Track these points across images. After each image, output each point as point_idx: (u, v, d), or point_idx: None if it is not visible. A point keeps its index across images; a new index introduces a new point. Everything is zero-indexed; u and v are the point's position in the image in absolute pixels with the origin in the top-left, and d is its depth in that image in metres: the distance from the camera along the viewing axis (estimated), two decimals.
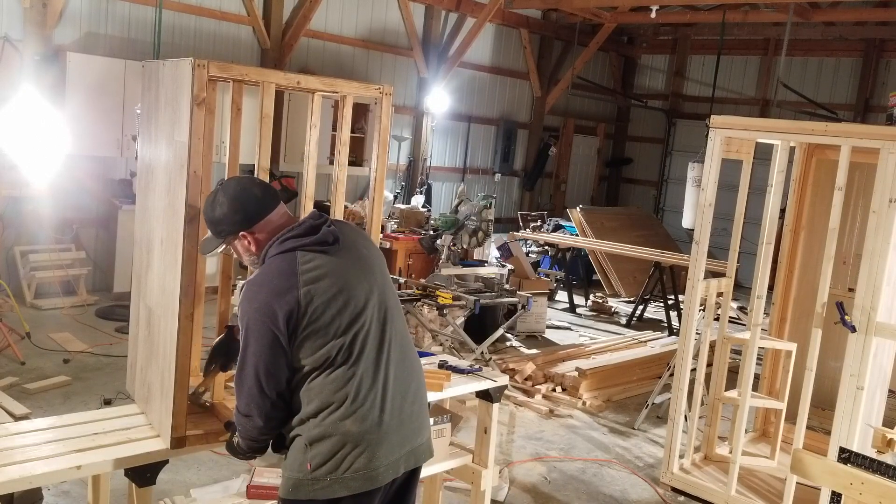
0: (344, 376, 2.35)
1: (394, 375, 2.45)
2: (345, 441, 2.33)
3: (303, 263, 2.37)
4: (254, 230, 2.47)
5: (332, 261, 2.42)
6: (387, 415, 2.40)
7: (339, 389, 2.34)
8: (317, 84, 3.09)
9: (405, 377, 2.50)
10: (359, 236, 2.61)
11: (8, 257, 7.62)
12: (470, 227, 7.70)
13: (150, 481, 2.76)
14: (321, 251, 2.41)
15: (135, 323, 3.31)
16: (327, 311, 2.34)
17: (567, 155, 14.20)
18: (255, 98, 2.94)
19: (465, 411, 5.57)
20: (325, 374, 2.35)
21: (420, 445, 2.53)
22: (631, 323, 9.51)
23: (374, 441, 2.36)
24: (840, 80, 12.89)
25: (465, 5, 11.23)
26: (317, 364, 2.35)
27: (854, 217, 5.30)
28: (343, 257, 2.46)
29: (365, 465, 2.35)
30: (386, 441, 2.39)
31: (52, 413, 4.09)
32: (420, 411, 2.55)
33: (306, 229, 2.43)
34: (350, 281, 2.42)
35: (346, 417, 2.33)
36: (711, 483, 4.67)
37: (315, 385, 2.35)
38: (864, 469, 2.76)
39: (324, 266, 2.39)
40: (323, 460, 2.33)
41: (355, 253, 2.51)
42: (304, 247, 2.40)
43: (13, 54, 7.41)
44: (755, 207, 5.05)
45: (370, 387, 2.38)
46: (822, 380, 5.06)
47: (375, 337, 2.44)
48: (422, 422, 2.55)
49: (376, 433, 2.37)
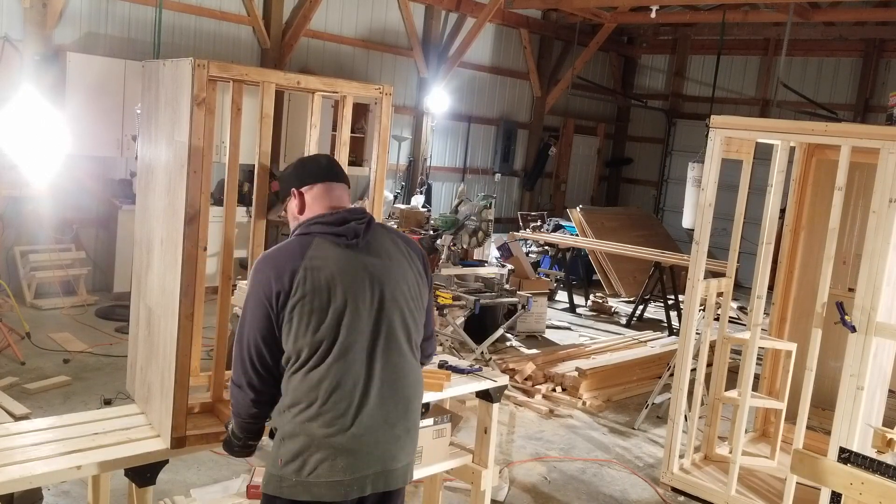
0: (320, 377, 2.33)
1: (377, 391, 2.38)
2: (310, 443, 2.32)
3: (314, 249, 2.39)
4: (303, 191, 2.54)
5: (343, 256, 2.41)
6: (357, 428, 2.34)
7: (312, 389, 2.33)
8: (317, 84, 3.09)
9: (392, 397, 2.42)
10: (393, 245, 2.54)
11: (8, 257, 7.62)
12: (470, 227, 7.70)
13: (150, 481, 2.76)
14: (336, 243, 2.42)
15: (135, 323, 3.30)
16: (314, 301, 2.33)
17: (567, 155, 14.20)
18: (255, 98, 2.94)
19: (465, 411, 5.57)
20: (305, 371, 2.35)
21: (394, 470, 2.43)
22: (631, 323, 9.51)
23: (339, 450, 2.32)
24: (840, 80, 12.89)
25: (465, 5, 11.23)
26: (296, 353, 2.35)
27: (854, 217, 5.30)
28: (358, 257, 2.43)
29: (327, 472, 2.31)
30: (352, 454, 2.33)
31: (52, 413, 4.09)
32: (403, 437, 2.45)
33: (337, 220, 2.45)
34: (351, 282, 2.38)
35: (313, 419, 2.32)
36: (711, 483, 4.67)
37: (294, 379, 2.36)
38: (864, 469, 2.76)
39: (331, 259, 2.39)
40: (291, 457, 2.34)
41: (376, 258, 2.46)
42: (323, 234, 2.43)
43: (13, 54, 7.41)
44: (755, 207, 5.05)
45: (347, 394, 2.34)
46: (822, 380, 5.06)
47: (364, 347, 2.38)
48: (402, 447, 2.45)
49: (342, 442, 2.32)
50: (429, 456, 3.50)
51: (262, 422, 2.52)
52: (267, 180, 3.01)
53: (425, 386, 3.51)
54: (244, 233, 3.37)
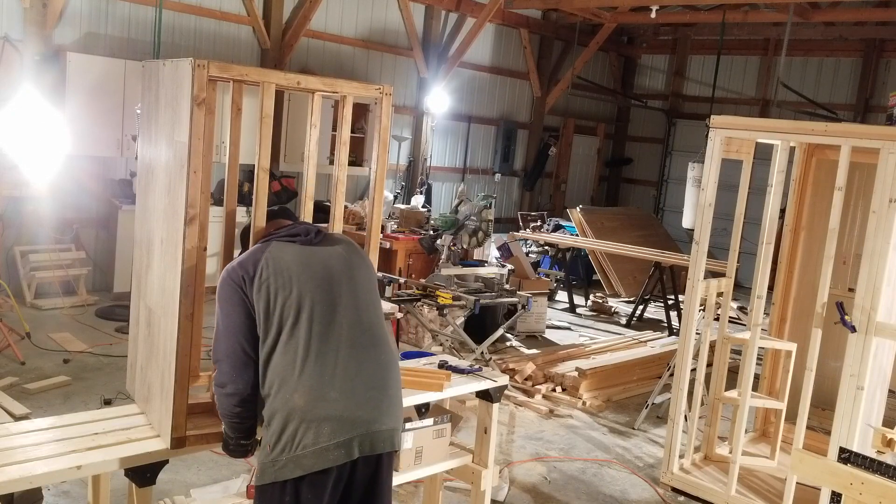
0: (294, 349, 2.47)
1: (354, 357, 2.52)
2: (291, 415, 2.41)
3: (273, 247, 2.62)
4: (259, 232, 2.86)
5: (301, 249, 2.64)
6: (336, 393, 2.46)
7: (290, 363, 2.46)
8: (317, 84, 3.09)
9: (368, 361, 2.56)
10: (345, 241, 2.80)
11: (8, 257, 7.62)
12: (470, 227, 7.70)
13: (150, 481, 2.77)
14: (293, 241, 2.65)
15: (135, 323, 3.31)
16: (278, 280, 2.51)
17: (567, 155, 14.20)
18: (255, 98, 2.94)
19: (465, 411, 5.57)
20: (281, 347, 2.48)
21: (379, 432, 2.52)
22: (631, 323, 9.51)
23: (320, 416, 2.42)
24: (840, 80, 12.89)
25: (465, 5, 11.23)
26: (268, 331, 2.50)
27: (854, 217, 5.29)
28: (314, 249, 2.66)
29: (313, 441, 2.40)
30: (335, 420, 2.43)
31: (52, 413, 4.09)
32: (384, 400, 2.56)
33: (291, 230, 2.72)
34: (310, 263, 2.59)
35: (293, 391, 2.43)
36: (711, 483, 4.67)
37: (272, 360, 2.49)
38: (864, 469, 2.76)
39: (290, 251, 2.61)
40: (276, 438, 2.42)
41: (331, 247, 2.70)
42: (279, 237, 2.67)
43: (13, 54, 7.41)
44: (755, 207, 5.05)
45: (322, 362, 2.47)
46: (822, 380, 5.05)
47: (334, 316, 2.54)
48: (384, 411, 2.55)
49: (324, 409, 2.42)
50: (429, 456, 3.51)
51: (250, 421, 2.62)
52: (267, 180, 3.01)
53: (425, 386, 3.54)
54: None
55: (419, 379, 3.56)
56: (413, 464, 3.45)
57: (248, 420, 2.62)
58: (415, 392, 3.47)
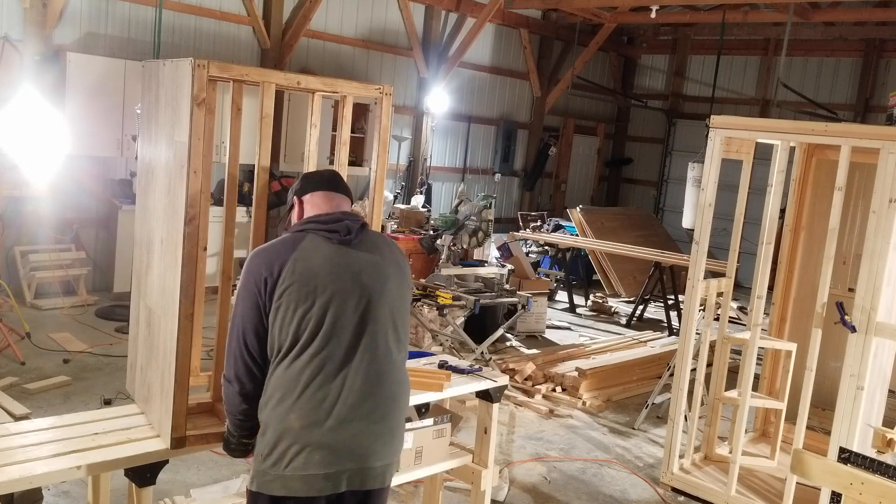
0: (301, 368, 2.37)
1: (359, 387, 2.39)
2: (284, 434, 2.35)
3: (306, 242, 2.46)
4: (303, 199, 2.64)
5: (334, 251, 2.47)
6: (333, 421, 2.35)
7: (293, 380, 2.37)
8: (317, 84, 3.09)
9: (374, 393, 2.43)
10: (385, 245, 2.62)
11: (8, 257, 7.62)
12: (470, 227, 7.70)
13: (150, 481, 2.77)
14: (328, 239, 2.48)
15: (135, 323, 3.31)
16: (300, 291, 2.38)
17: (567, 155, 14.20)
18: (255, 98, 2.94)
19: (465, 411, 5.57)
20: (288, 362, 2.39)
21: (371, 468, 2.43)
22: (631, 323, 9.51)
23: (312, 442, 2.34)
24: (840, 80, 12.89)
25: (465, 5, 11.23)
26: (280, 344, 2.39)
27: (854, 217, 5.29)
28: (349, 254, 2.48)
29: (302, 465, 2.34)
30: (328, 449, 2.35)
31: (52, 413, 4.09)
32: (384, 435, 2.45)
33: (331, 219, 2.53)
34: (339, 276, 2.43)
35: (290, 410, 2.36)
36: (711, 483, 4.67)
37: (277, 371, 2.41)
38: (864, 469, 2.76)
39: (322, 253, 2.45)
40: (268, 450, 2.37)
41: (367, 254, 2.52)
42: (317, 230, 2.50)
43: (13, 54, 7.41)
44: (755, 207, 5.05)
45: (325, 387, 2.36)
46: (822, 380, 5.05)
47: (348, 341, 2.40)
48: (383, 446, 2.45)
49: (317, 435, 2.34)
50: (429, 456, 3.51)
51: (254, 420, 2.54)
52: (267, 180, 3.02)
53: (425, 386, 3.54)
54: (244, 233, 3.37)
55: (419, 379, 3.56)
56: (413, 464, 3.45)
57: (253, 419, 2.54)
58: (415, 392, 3.46)
